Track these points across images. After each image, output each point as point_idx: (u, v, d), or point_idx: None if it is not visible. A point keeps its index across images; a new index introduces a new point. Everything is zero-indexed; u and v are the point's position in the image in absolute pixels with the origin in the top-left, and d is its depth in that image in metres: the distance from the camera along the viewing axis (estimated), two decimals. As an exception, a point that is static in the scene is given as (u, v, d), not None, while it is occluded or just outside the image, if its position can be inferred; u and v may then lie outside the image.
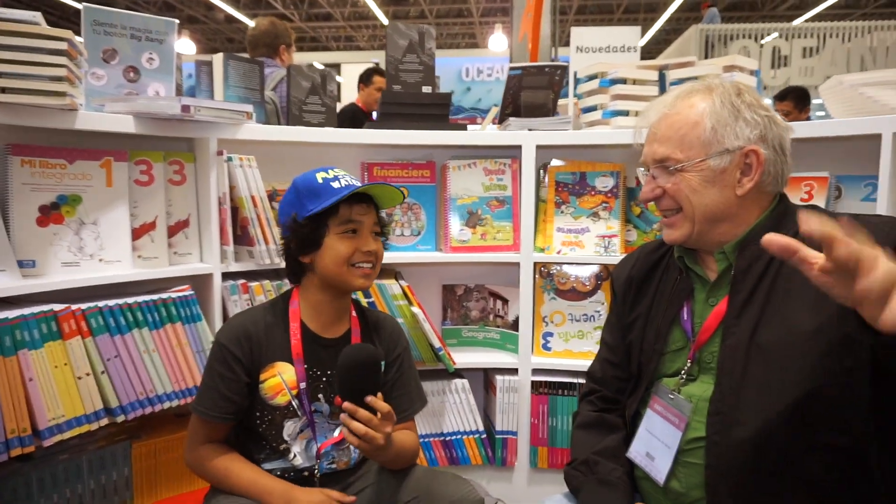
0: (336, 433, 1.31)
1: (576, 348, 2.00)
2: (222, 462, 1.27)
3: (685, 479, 1.06)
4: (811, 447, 0.96)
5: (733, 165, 1.06)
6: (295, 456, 1.30)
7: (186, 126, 1.63)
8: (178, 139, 1.72)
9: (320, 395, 1.30)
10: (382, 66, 4.81)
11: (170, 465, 1.66)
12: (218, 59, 1.87)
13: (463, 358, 2.00)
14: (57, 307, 1.38)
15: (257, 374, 1.27)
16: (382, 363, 1.26)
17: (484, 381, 2.15)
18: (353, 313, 1.37)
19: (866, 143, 1.63)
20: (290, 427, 1.29)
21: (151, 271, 1.61)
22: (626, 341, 1.24)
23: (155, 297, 1.55)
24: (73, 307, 1.40)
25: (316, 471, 1.31)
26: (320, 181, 1.29)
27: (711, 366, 1.07)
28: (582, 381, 1.95)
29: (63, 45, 1.32)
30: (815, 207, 1.11)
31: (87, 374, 1.42)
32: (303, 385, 1.28)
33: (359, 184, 1.29)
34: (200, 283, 1.69)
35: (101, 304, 1.45)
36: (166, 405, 1.55)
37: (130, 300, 1.50)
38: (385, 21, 12.12)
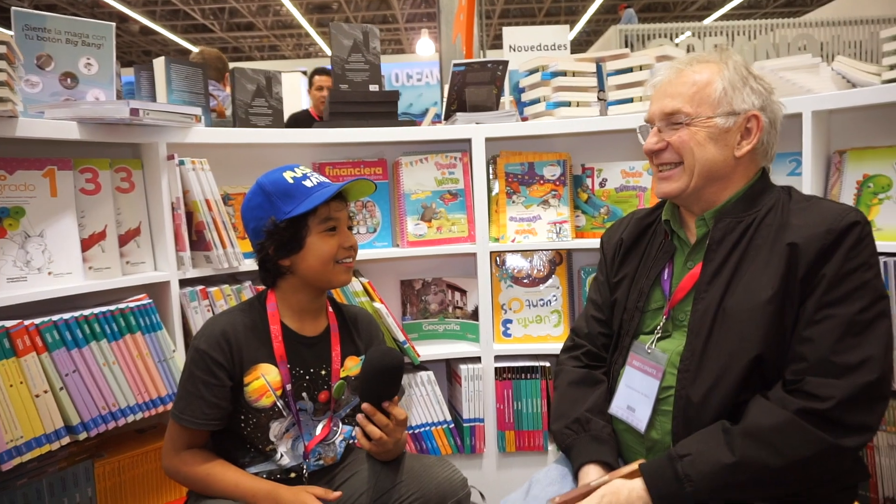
0: (319, 430, 1.31)
1: (535, 333, 2.06)
2: (205, 468, 1.24)
3: (660, 426, 1.14)
4: (751, 394, 1.06)
5: (736, 127, 1.13)
6: (282, 456, 1.28)
7: (134, 131, 1.58)
8: (121, 146, 1.67)
9: (304, 394, 1.29)
10: (314, 70, 4.77)
11: (135, 482, 1.61)
12: (160, 63, 1.83)
13: (426, 350, 2.03)
14: (8, 323, 1.32)
15: (240, 378, 1.25)
16: (403, 369, 1.26)
17: (447, 371, 2.18)
18: (330, 309, 1.37)
19: (788, 121, 1.76)
20: (275, 427, 1.27)
21: (105, 282, 1.55)
22: (612, 299, 1.30)
23: (112, 307, 1.50)
24: (27, 322, 1.34)
25: (304, 470, 1.30)
26: (290, 181, 1.27)
27: (684, 324, 1.15)
28: (544, 363, 2.02)
29: (2, 49, 1.26)
30: (790, 189, 1.18)
31: (45, 392, 1.36)
32: (288, 386, 1.27)
33: (327, 180, 1.29)
34: (157, 291, 1.65)
35: (55, 317, 1.39)
36: (130, 418, 1.49)
37: (87, 312, 1.45)
38: (310, 30, 11.98)
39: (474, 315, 2.09)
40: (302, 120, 4.04)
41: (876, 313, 1.02)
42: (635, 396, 1.18)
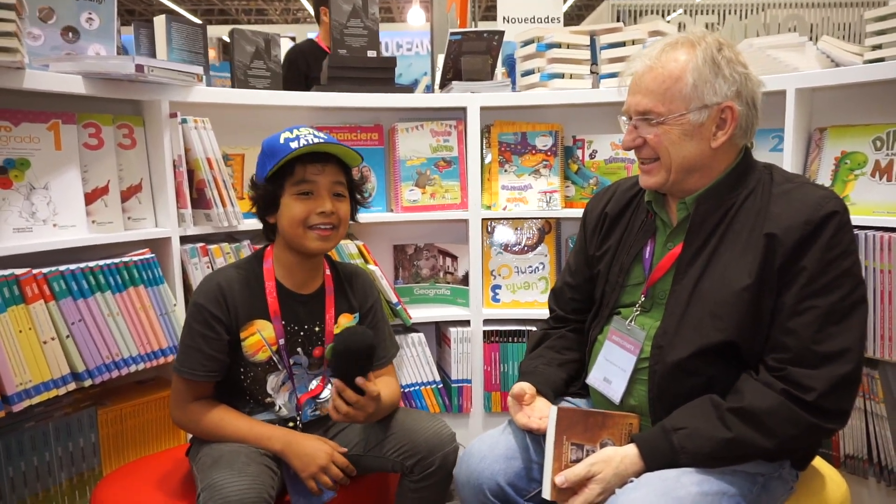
0: (314, 385, 1.36)
1: (523, 298, 2.14)
2: (216, 414, 1.29)
3: (637, 394, 1.21)
4: (723, 374, 1.13)
5: (710, 120, 1.12)
6: (280, 408, 1.34)
7: (137, 88, 1.61)
8: (123, 102, 1.69)
9: (298, 349, 1.34)
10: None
11: (136, 430, 1.67)
12: (160, 21, 1.83)
13: (417, 313, 2.10)
14: (18, 271, 1.36)
15: (237, 332, 1.29)
16: (376, 348, 1.28)
17: (436, 334, 2.25)
18: (327, 270, 1.41)
19: (772, 99, 1.83)
20: (272, 381, 1.33)
21: (108, 235, 1.59)
22: (594, 271, 1.36)
23: (116, 260, 1.54)
24: (35, 271, 1.38)
25: (299, 420, 1.36)
26: (282, 141, 1.28)
27: (662, 302, 1.20)
28: (531, 328, 2.10)
29: (11, 0, 1.27)
30: (771, 169, 1.20)
31: (53, 339, 1.40)
32: (282, 342, 1.32)
33: (322, 135, 1.30)
34: (158, 247, 1.68)
35: (62, 268, 1.43)
36: (132, 368, 1.55)
37: (91, 263, 1.49)
38: (298, -6, 11.74)
39: (464, 280, 2.15)
40: (307, 52, 3.49)
41: (855, 300, 1.06)
42: (612, 369, 1.24)
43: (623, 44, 2.07)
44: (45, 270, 1.40)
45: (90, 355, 1.46)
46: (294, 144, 1.27)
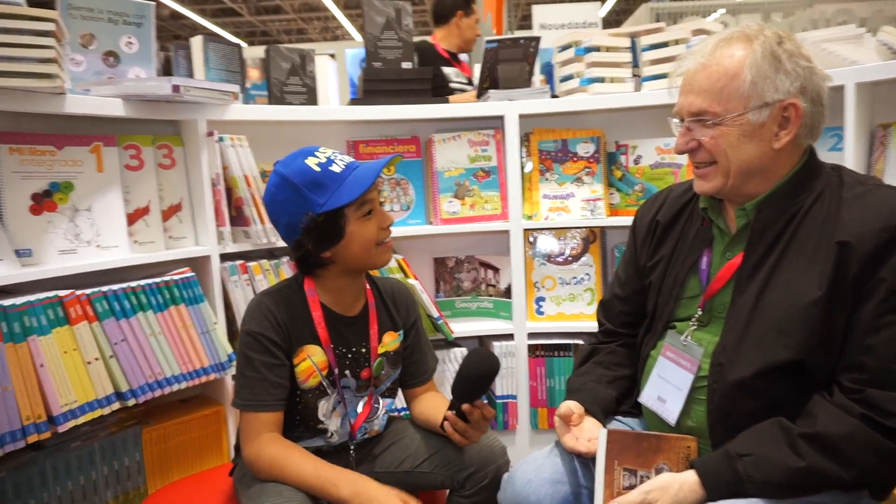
0: (360, 407, 1.31)
1: (568, 311, 2.07)
2: (282, 451, 1.19)
3: (695, 415, 1.13)
4: (790, 395, 1.04)
5: (771, 119, 1.04)
6: (332, 435, 1.29)
7: (175, 108, 1.62)
8: (162, 123, 1.71)
9: (347, 372, 1.29)
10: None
11: (180, 449, 1.66)
12: (197, 41, 1.86)
13: (459, 327, 2.05)
14: (62, 293, 1.37)
15: (291, 359, 1.24)
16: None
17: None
18: (367, 287, 1.37)
19: (831, 95, 1.73)
20: (323, 406, 1.27)
21: (150, 255, 1.60)
22: (645, 282, 1.28)
23: (157, 279, 1.54)
24: (78, 292, 1.39)
25: (352, 447, 1.31)
26: (317, 169, 1.19)
27: (721, 316, 1.12)
28: (577, 341, 2.03)
29: (51, 27, 1.30)
30: (840, 171, 1.10)
31: (97, 359, 1.41)
32: (335, 370, 1.27)
33: (352, 159, 1.25)
34: (198, 265, 1.69)
35: (104, 288, 1.44)
36: (175, 387, 1.54)
37: (133, 284, 1.49)
38: (336, 12, 11.97)
39: (507, 293, 2.10)
40: (429, 54, 3.13)
41: None
42: (667, 388, 1.16)
43: (665, 44, 2.00)
44: (88, 291, 1.41)
45: (133, 375, 1.47)
46: (335, 169, 1.20)
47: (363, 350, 1.30)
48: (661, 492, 1.01)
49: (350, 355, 1.29)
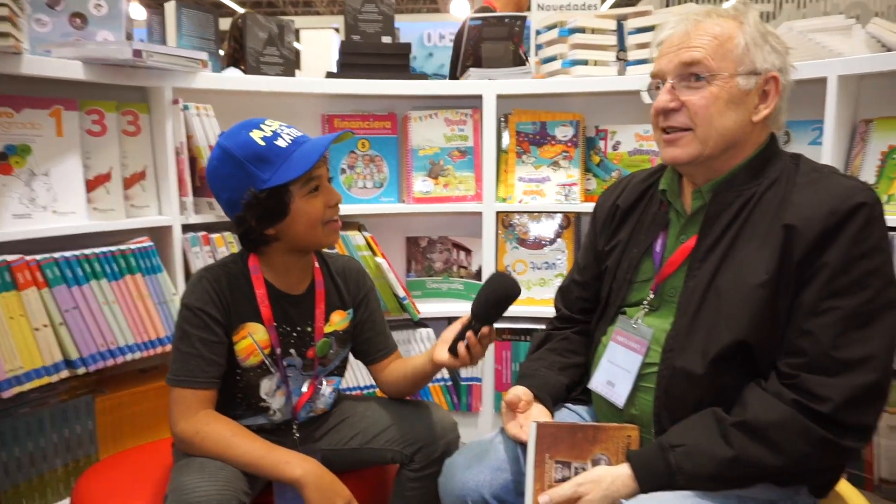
0: (306, 387, 1.29)
1: (538, 296, 2.04)
2: (225, 430, 1.15)
3: (641, 403, 1.11)
4: (738, 384, 1.02)
5: (756, 89, 1.04)
6: (274, 413, 1.26)
7: (139, 74, 1.59)
8: (130, 89, 1.67)
9: (292, 350, 1.27)
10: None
11: (135, 419, 1.66)
12: (170, 6, 1.82)
13: (428, 308, 2.03)
14: (10, 257, 1.35)
15: (230, 336, 1.21)
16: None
17: (449, 331, 2.18)
18: (316, 265, 1.33)
19: (814, 87, 1.68)
20: (265, 385, 1.25)
21: (108, 223, 1.58)
22: (601, 267, 1.26)
23: (113, 248, 1.52)
24: (28, 258, 1.38)
25: (295, 426, 1.29)
26: (262, 143, 1.14)
27: (673, 300, 1.10)
28: (544, 326, 2.00)
29: (2, -16, 1.26)
30: (798, 158, 1.09)
31: (45, 326, 1.40)
32: (277, 349, 1.24)
33: (300, 133, 1.20)
34: (159, 235, 1.67)
35: (56, 255, 1.42)
36: (129, 357, 1.53)
37: (87, 251, 1.48)
38: (345, -16, 11.79)
39: (478, 275, 2.07)
40: None
41: (883, 303, 0.95)
42: (616, 372, 1.14)
43: (652, 28, 1.94)
44: (38, 257, 1.40)
45: (84, 343, 1.46)
46: (280, 143, 1.15)
47: (308, 329, 1.28)
48: (592, 484, 0.99)
49: (295, 334, 1.27)
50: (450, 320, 2.11)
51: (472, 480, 1.11)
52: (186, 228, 1.70)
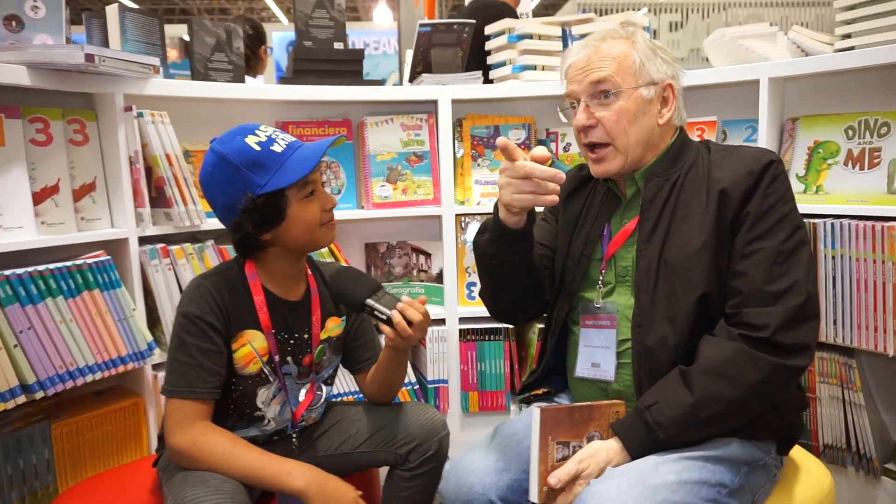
0: (303, 395, 1.28)
1: (498, 295, 2.09)
2: (224, 442, 1.12)
3: (621, 378, 1.19)
4: (701, 329, 1.13)
5: (656, 97, 1.19)
6: (269, 421, 1.24)
7: (88, 80, 1.51)
8: (74, 96, 1.59)
9: (289, 358, 1.25)
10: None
11: (95, 444, 1.57)
12: (112, 10, 1.74)
13: (390, 313, 2.03)
14: (-42, 277, 1.25)
15: (230, 344, 1.18)
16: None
17: (411, 335, 2.19)
18: (309, 271, 1.32)
19: (745, 89, 1.83)
20: (262, 394, 1.22)
21: (60, 237, 1.49)
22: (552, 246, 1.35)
23: (69, 263, 1.44)
24: (-23, 276, 1.28)
25: (294, 435, 1.27)
26: (257, 148, 1.13)
27: (627, 280, 1.20)
28: (508, 325, 2.05)
29: (-57, -17, 1.17)
30: (707, 143, 1.25)
31: (-1, 349, 1.30)
32: (276, 356, 1.22)
33: (294, 139, 1.20)
34: (115, 249, 1.59)
35: (7, 272, 1.33)
36: (88, 378, 1.45)
37: (41, 267, 1.39)
38: (261, -8, 11.54)
39: (439, 278, 2.10)
40: (496, 8, 2.91)
41: (797, 241, 1.10)
42: (597, 352, 1.21)
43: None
44: (-12, 275, 1.30)
45: (41, 365, 1.37)
46: (276, 148, 1.14)
47: (305, 336, 1.26)
48: (590, 459, 1.05)
49: (292, 341, 1.25)
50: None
51: (478, 485, 1.13)
52: (143, 241, 1.63)
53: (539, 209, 1.16)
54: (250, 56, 2.74)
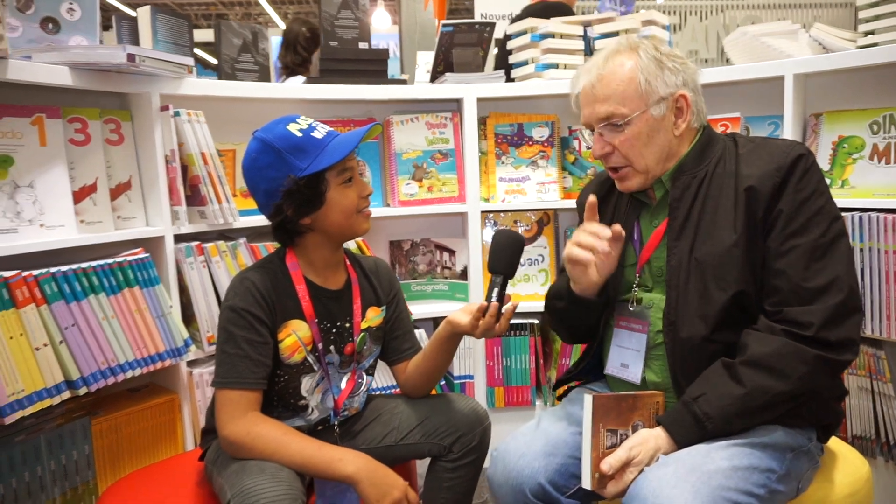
0: (344, 383, 1.30)
1: (523, 291, 2.11)
2: (276, 431, 1.14)
3: (658, 371, 1.20)
4: (737, 335, 1.13)
5: (669, 111, 1.17)
6: (312, 411, 1.26)
7: (126, 80, 1.53)
8: (109, 96, 1.61)
9: (331, 347, 1.27)
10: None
11: (132, 440, 1.58)
12: (144, 12, 1.76)
13: (415, 310, 2.05)
14: (6, 273, 1.27)
15: (275, 335, 1.21)
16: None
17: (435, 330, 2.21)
18: (347, 262, 1.34)
19: (768, 86, 1.86)
20: (307, 382, 1.24)
21: (98, 235, 1.50)
22: None
23: (110, 260, 1.45)
24: (25, 273, 1.29)
25: (336, 424, 1.29)
26: (299, 135, 1.18)
27: (661, 279, 1.21)
28: (533, 321, 2.07)
29: (-7, -16, 1.19)
30: (734, 136, 1.25)
31: (45, 345, 1.31)
32: (319, 344, 1.24)
33: (332, 129, 1.24)
34: (151, 246, 1.60)
35: (53, 269, 1.35)
36: (128, 374, 1.46)
37: (84, 265, 1.40)
38: (261, -3, 11.56)
39: (462, 275, 2.12)
40: (556, 9, 2.78)
41: (834, 235, 1.10)
42: (627, 353, 1.24)
43: (616, 33, 2.07)
44: (35, 273, 1.31)
45: (85, 361, 1.38)
46: (317, 135, 1.19)
47: (347, 325, 1.29)
48: (641, 446, 1.06)
49: (334, 330, 1.27)
50: (436, 321, 2.17)
51: (527, 468, 1.15)
52: (177, 239, 1.64)
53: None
54: (306, 58, 2.78)
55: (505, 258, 1.23)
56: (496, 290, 1.22)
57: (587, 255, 1.17)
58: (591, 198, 1.20)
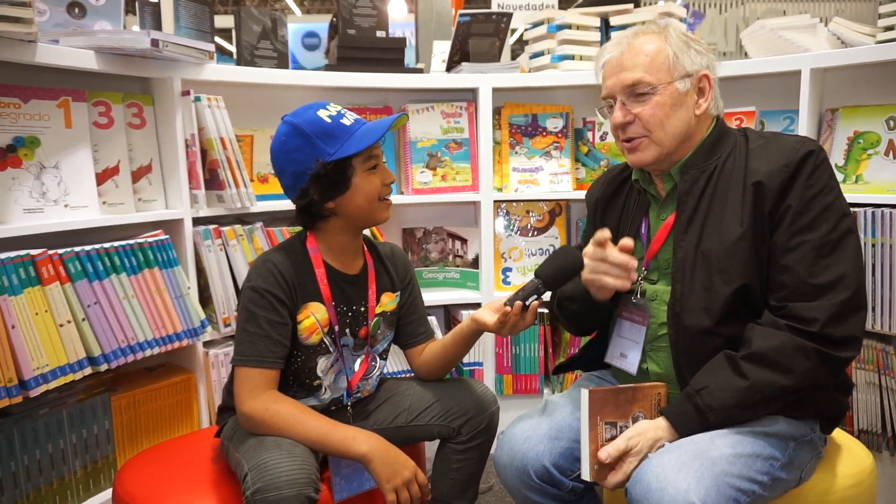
0: (357, 366, 1.33)
1: (534, 281, 2.13)
2: (293, 409, 1.18)
3: (661, 362, 1.22)
4: (740, 328, 1.14)
5: (693, 88, 1.19)
6: (326, 391, 1.30)
7: (149, 64, 1.56)
8: (131, 80, 1.64)
9: (347, 330, 1.30)
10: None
11: (150, 417, 1.63)
12: (166, -3, 1.78)
13: (427, 297, 2.05)
14: (34, 251, 1.31)
15: (294, 316, 1.24)
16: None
17: (446, 318, 2.24)
18: (365, 247, 1.37)
19: (784, 80, 1.85)
20: (322, 363, 1.28)
21: (120, 217, 1.54)
22: None
23: (131, 241, 1.49)
24: (50, 251, 1.33)
25: (349, 404, 1.33)
26: (328, 121, 1.21)
27: (667, 272, 1.23)
28: (542, 310, 2.09)
29: (24, -31, 1.22)
30: (745, 131, 1.25)
31: (69, 322, 1.36)
32: (336, 326, 1.28)
33: (360, 117, 1.27)
34: (170, 229, 1.64)
35: (77, 248, 1.39)
36: (147, 353, 1.51)
37: (107, 245, 1.44)
38: (278, -17, 11.56)
39: (474, 263, 2.14)
40: None
41: (842, 232, 1.10)
42: (626, 343, 1.26)
43: (633, 25, 2.07)
44: (60, 251, 1.35)
45: (106, 339, 1.42)
46: (345, 122, 1.22)
47: (362, 309, 1.32)
48: (639, 437, 1.08)
49: (350, 313, 1.30)
50: (447, 308, 2.20)
51: (532, 451, 1.17)
52: (196, 222, 1.68)
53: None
54: None
55: (555, 269, 1.22)
56: (532, 297, 1.22)
57: (621, 284, 1.17)
58: (606, 233, 1.18)
